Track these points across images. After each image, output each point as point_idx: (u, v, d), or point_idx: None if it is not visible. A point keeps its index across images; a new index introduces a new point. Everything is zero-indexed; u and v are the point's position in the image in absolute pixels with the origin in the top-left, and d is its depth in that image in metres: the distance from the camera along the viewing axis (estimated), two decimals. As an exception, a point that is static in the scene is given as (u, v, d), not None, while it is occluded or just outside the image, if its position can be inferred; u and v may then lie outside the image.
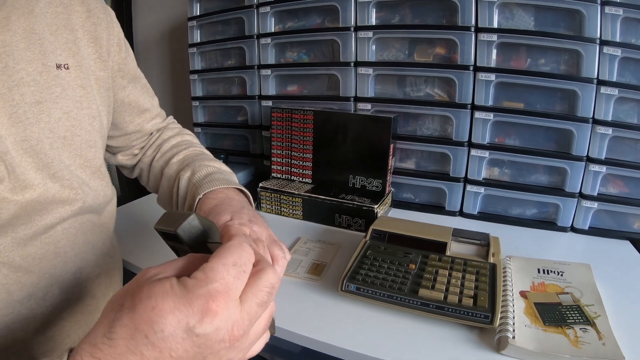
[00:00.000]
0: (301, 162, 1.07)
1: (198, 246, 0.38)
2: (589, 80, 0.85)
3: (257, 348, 0.36)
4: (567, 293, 0.66)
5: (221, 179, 0.60)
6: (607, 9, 0.82)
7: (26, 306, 0.51)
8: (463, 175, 0.98)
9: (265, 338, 0.36)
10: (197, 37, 1.29)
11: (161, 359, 0.29)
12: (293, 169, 1.09)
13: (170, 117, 0.79)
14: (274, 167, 1.11)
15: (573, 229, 0.92)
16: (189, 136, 0.77)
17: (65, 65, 0.53)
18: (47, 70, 0.50)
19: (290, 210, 1.00)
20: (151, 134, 0.75)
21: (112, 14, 0.63)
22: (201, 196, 0.56)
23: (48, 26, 0.52)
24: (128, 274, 0.77)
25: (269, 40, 1.14)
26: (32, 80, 0.49)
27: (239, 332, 0.31)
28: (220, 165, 0.66)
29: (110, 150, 0.74)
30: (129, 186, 1.57)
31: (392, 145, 0.96)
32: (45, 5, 0.52)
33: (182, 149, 0.71)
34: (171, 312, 0.29)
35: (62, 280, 0.55)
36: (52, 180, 0.51)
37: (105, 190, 0.62)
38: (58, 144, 0.52)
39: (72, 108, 0.53)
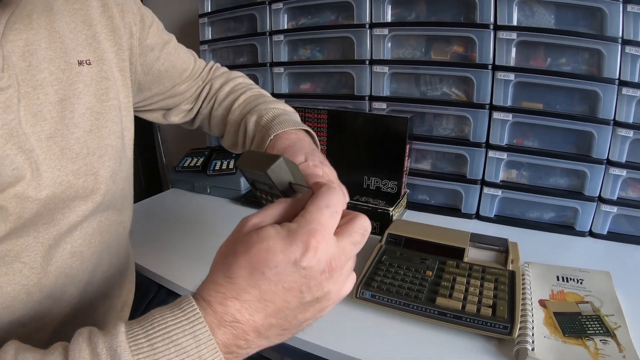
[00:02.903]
0: (315, 162, 1.06)
1: (283, 186, 0.42)
2: (610, 81, 0.82)
3: (348, 287, 0.39)
4: (587, 302, 0.65)
5: (289, 120, 0.62)
6: (630, 7, 0.79)
7: (44, 306, 0.51)
8: (480, 177, 0.96)
9: (352, 279, 0.40)
10: (208, 34, 1.28)
11: (275, 290, 0.34)
12: (306, 169, 1.08)
13: (213, 64, 0.81)
14: (286, 166, 1.11)
15: (591, 234, 0.90)
16: (240, 78, 0.80)
17: (87, 61, 0.53)
18: (69, 68, 0.51)
19: (304, 211, 1.00)
20: (202, 88, 0.77)
21: None
22: (272, 137, 0.59)
23: (67, 24, 0.52)
24: (139, 277, 0.77)
25: (281, 37, 1.12)
26: (55, 79, 0.49)
27: (337, 264, 0.36)
28: (284, 107, 0.69)
29: (161, 109, 0.76)
30: (139, 187, 1.57)
31: (408, 146, 0.95)
32: (63, 3, 0.52)
33: (240, 93, 0.73)
34: (281, 251, 0.34)
35: (79, 280, 0.55)
36: (75, 176, 0.51)
37: (125, 185, 0.63)
38: (85, 138, 0.52)
39: (95, 102, 0.54)
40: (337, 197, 0.38)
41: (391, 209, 0.89)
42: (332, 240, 0.36)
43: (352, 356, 0.57)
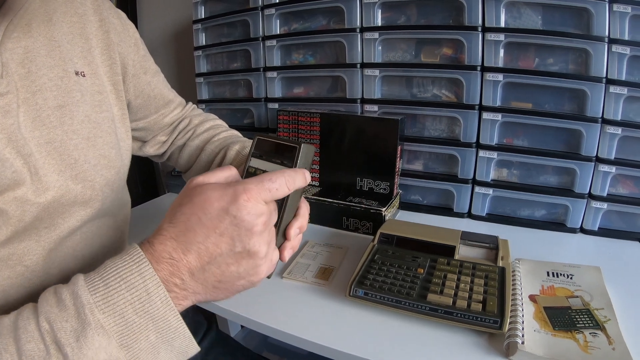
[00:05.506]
0: (308, 165, 1.07)
1: (300, 166, 0.48)
2: (597, 80, 0.83)
3: (276, 256, 0.47)
4: (577, 297, 0.65)
5: None
6: (615, 7, 0.81)
7: None
8: (471, 176, 0.97)
9: (275, 258, 0.46)
10: (202, 39, 1.29)
11: (208, 234, 0.40)
12: (300, 171, 1.09)
13: (190, 103, 0.85)
14: (281, 169, 1.11)
15: (582, 230, 0.91)
16: (219, 120, 0.85)
17: (82, 73, 0.55)
18: (67, 76, 0.52)
19: (298, 213, 1.01)
20: (180, 122, 0.80)
21: (124, 15, 0.66)
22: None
23: (65, 35, 0.53)
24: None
25: (274, 42, 1.14)
26: (54, 85, 0.50)
27: (264, 220, 0.41)
28: None
29: (138, 139, 0.78)
30: (135, 192, 1.58)
31: (399, 147, 0.96)
32: (62, 15, 0.54)
33: (221, 131, 0.79)
34: (216, 200, 0.40)
35: None
36: (74, 181, 0.52)
37: (122, 193, 0.64)
38: (82, 145, 0.53)
39: (91, 112, 0.55)
40: (284, 176, 0.43)
41: (384, 209, 0.90)
42: (261, 203, 0.41)
43: (345, 352, 0.57)
